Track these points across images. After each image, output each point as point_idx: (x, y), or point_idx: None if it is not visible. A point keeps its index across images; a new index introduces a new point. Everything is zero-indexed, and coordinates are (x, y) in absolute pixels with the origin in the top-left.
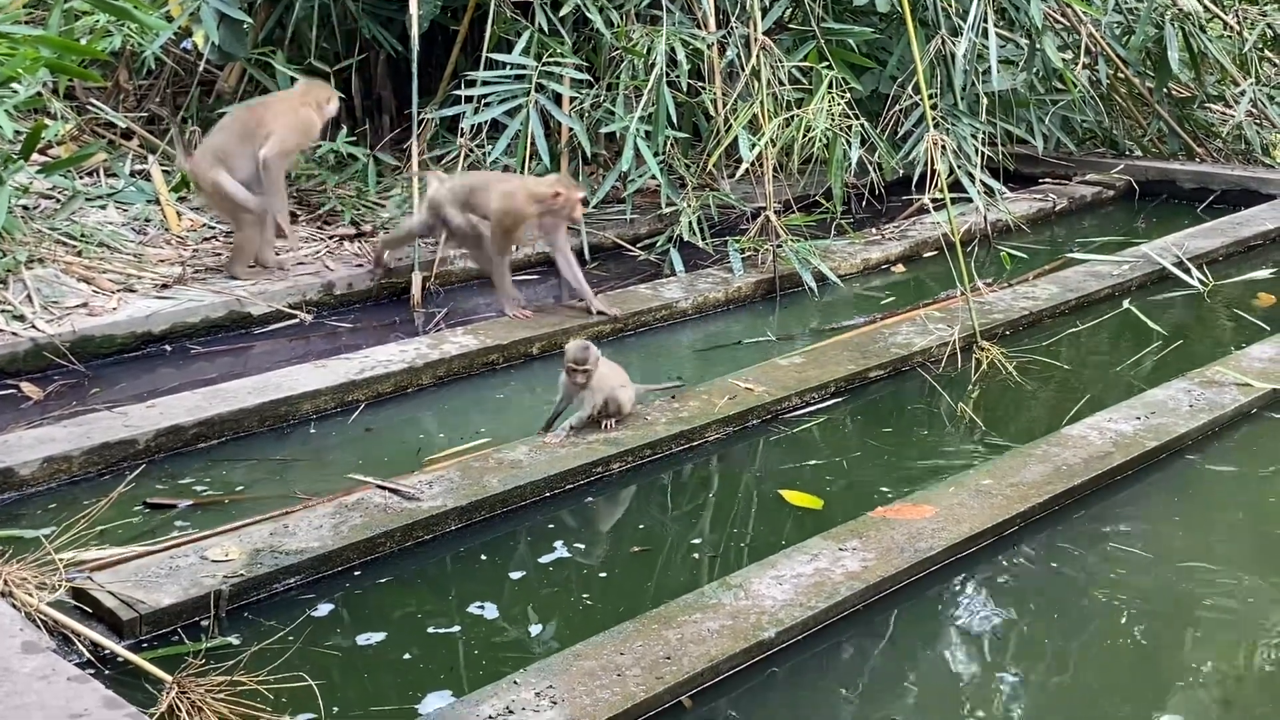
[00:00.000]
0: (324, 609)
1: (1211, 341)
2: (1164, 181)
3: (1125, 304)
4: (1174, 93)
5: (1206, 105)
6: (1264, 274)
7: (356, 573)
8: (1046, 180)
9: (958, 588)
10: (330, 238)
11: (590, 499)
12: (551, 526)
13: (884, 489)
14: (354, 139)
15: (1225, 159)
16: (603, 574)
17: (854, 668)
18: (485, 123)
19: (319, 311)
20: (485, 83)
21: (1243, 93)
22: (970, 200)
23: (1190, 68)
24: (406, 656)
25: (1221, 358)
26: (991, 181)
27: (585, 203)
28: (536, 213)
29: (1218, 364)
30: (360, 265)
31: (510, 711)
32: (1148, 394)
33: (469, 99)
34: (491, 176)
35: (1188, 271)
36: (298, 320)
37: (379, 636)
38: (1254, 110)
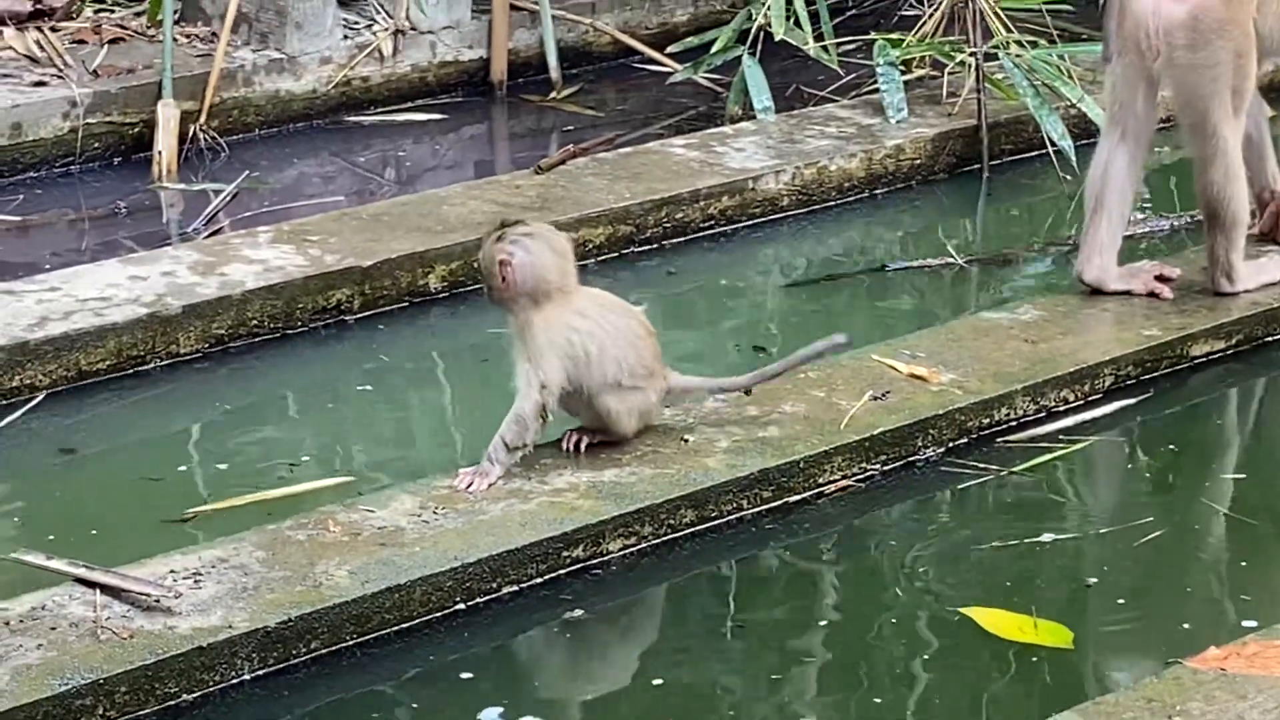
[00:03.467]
0: None
1: None
2: None
3: None
4: None
5: None
6: None
7: None
8: None
9: None
10: None
11: (557, 618)
12: (468, 677)
13: (1212, 608)
14: None
15: None
16: None
17: None
18: None
19: None
20: None
21: None
22: None
23: None
24: None
25: None
26: None
27: None
28: None
29: None
30: (44, 83)
31: None
32: None
33: None
34: None
35: None
36: None
37: None
38: None
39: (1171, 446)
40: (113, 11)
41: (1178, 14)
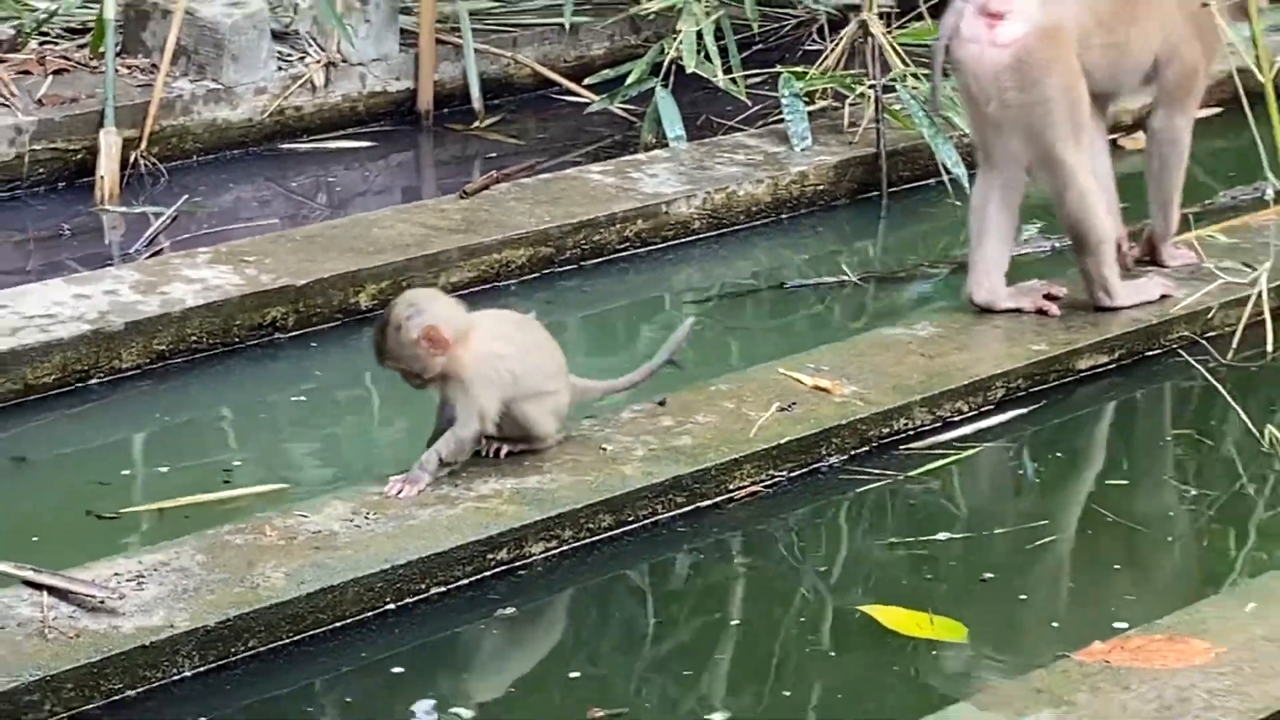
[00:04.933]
0: None
1: None
2: None
3: None
4: None
5: None
6: None
7: None
8: None
9: None
10: None
11: (480, 618)
12: (400, 672)
13: (1099, 605)
14: None
15: None
16: None
17: None
18: None
19: None
20: None
21: None
22: None
23: None
24: None
25: None
26: None
27: None
28: None
29: None
30: (7, 104)
31: None
32: None
33: None
34: None
35: None
36: None
37: None
38: None
39: (1059, 454)
40: (56, 44)
41: (1002, 59)
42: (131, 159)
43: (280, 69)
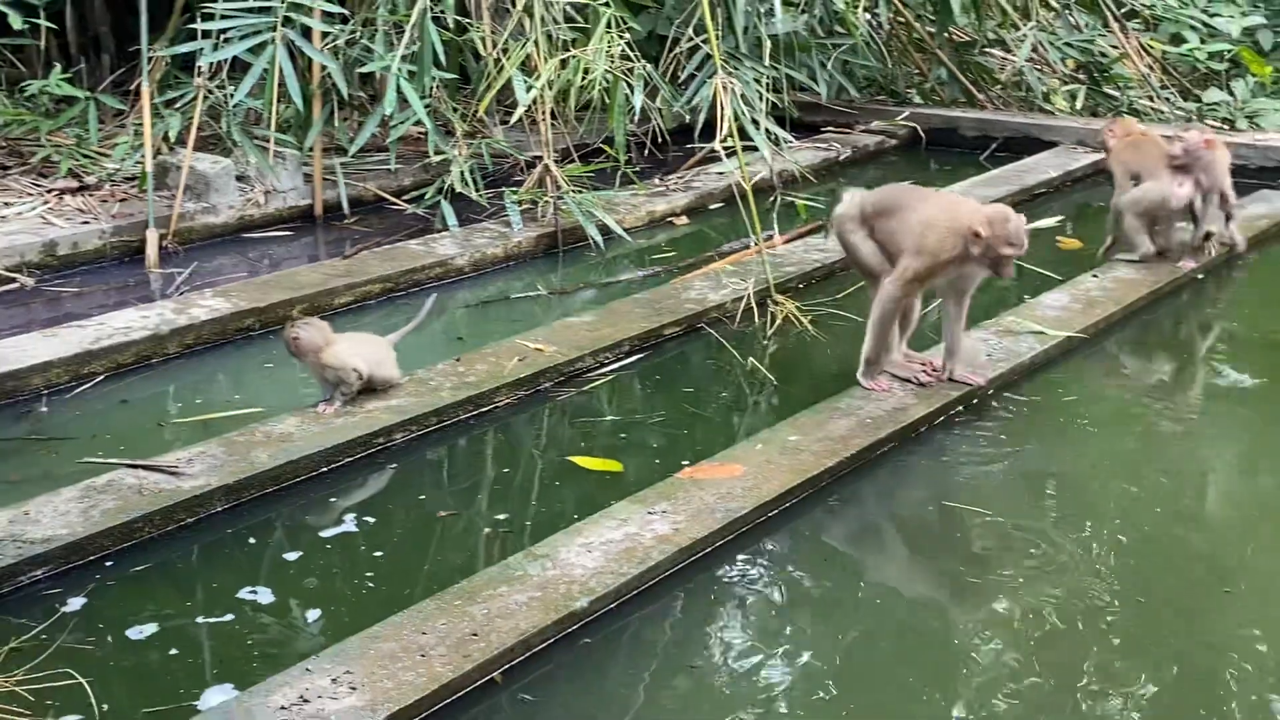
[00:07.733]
0: (76, 603)
1: (1002, 291)
2: (947, 129)
3: None
4: (954, 37)
5: (987, 50)
6: (1050, 222)
7: (109, 563)
8: (829, 129)
9: (770, 547)
10: (49, 191)
11: (373, 472)
12: (333, 500)
13: (686, 450)
14: (68, 77)
15: (1005, 105)
16: (391, 551)
17: (668, 633)
18: (226, 61)
19: (40, 275)
20: (225, 15)
21: (1024, 37)
22: (755, 150)
23: (971, 11)
24: (174, 651)
25: (1015, 307)
26: (777, 129)
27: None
28: (957, 255)
29: (1011, 313)
30: (87, 222)
31: (305, 700)
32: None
33: (206, 34)
34: (913, 195)
35: None
36: (17, 285)
37: (142, 630)
38: (1035, 55)
39: (658, 376)
40: (120, 185)
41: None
42: (164, 244)
43: (240, 194)
